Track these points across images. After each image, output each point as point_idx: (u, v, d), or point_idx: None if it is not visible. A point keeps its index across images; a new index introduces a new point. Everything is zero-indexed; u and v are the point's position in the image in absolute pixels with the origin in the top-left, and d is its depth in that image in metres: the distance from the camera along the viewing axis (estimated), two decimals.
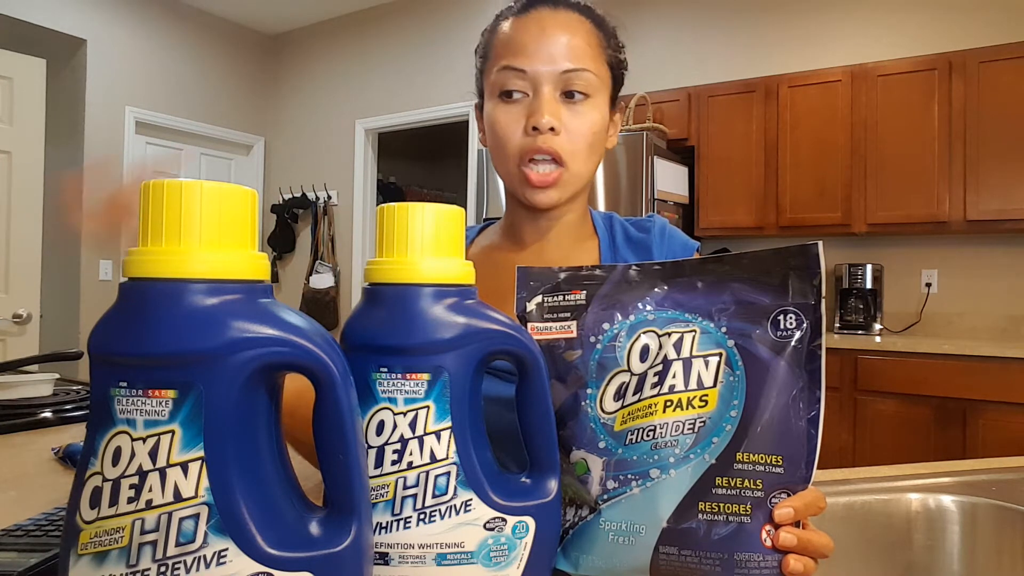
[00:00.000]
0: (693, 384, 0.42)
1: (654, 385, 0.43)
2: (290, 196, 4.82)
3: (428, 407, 0.37)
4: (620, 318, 0.45)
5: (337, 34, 4.72)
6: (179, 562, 0.28)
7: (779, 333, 0.42)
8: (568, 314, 0.45)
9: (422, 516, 0.37)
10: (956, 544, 0.75)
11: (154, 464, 0.28)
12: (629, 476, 0.42)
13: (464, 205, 3.93)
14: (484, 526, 0.38)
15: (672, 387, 0.42)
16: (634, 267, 0.45)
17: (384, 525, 0.37)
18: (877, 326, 3.10)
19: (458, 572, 0.38)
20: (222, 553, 0.28)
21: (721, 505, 0.41)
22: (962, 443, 2.56)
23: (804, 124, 3.18)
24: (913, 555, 0.76)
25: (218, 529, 0.28)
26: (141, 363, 0.28)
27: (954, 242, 3.09)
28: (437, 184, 6.40)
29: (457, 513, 0.38)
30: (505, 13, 0.76)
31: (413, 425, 0.37)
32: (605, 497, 0.43)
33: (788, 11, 3.41)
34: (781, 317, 0.42)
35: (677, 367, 0.42)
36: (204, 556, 0.28)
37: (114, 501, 0.28)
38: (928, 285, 3.14)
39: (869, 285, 3.11)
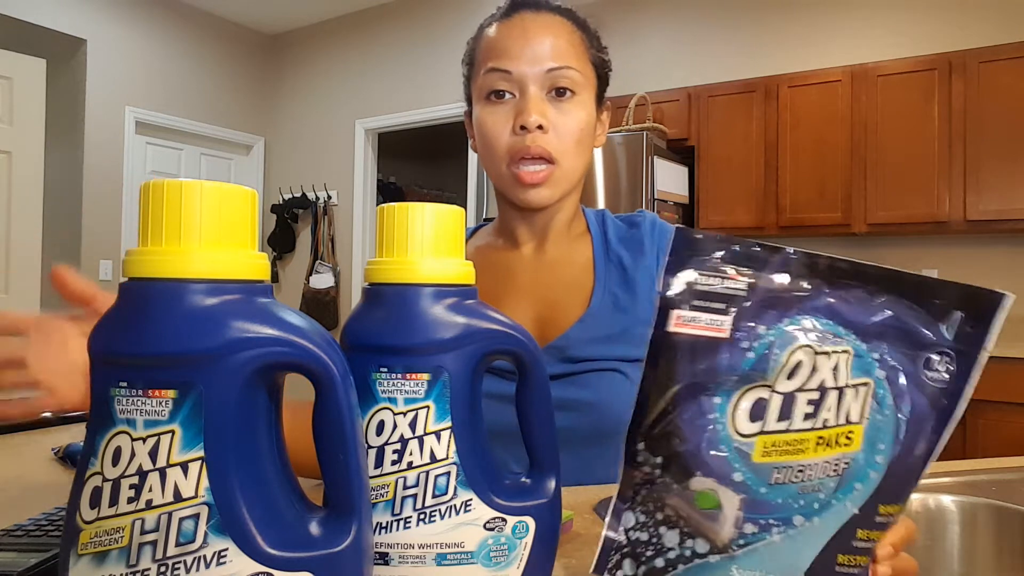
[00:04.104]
0: (842, 418, 0.36)
1: (807, 416, 0.36)
2: (290, 196, 4.82)
3: (428, 407, 0.37)
4: (777, 321, 0.36)
5: (337, 34, 4.72)
6: (179, 562, 0.28)
7: (931, 374, 0.37)
8: (723, 304, 0.36)
9: (422, 516, 0.37)
10: (956, 544, 0.75)
11: (154, 464, 0.28)
12: (771, 522, 0.36)
13: (464, 205, 3.93)
14: (484, 526, 0.38)
15: (826, 422, 0.36)
16: (799, 255, 0.37)
17: (384, 525, 0.37)
18: None
19: (458, 572, 0.38)
20: (222, 553, 0.28)
21: (858, 558, 0.37)
22: (962, 443, 2.56)
23: (804, 124, 3.18)
24: (913, 555, 0.76)
25: (218, 529, 0.28)
26: (141, 363, 0.28)
27: (954, 242, 3.09)
28: (437, 184, 6.40)
29: (457, 513, 0.38)
30: (488, 20, 0.78)
31: (413, 425, 0.37)
32: (742, 542, 0.36)
33: (788, 11, 3.41)
34: (936, 357, 0.37)
35: (832, 398, 0.36)
36: (204, 556, 0.28)
37: (114, 501, 0.28)
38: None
39: None
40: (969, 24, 2.99)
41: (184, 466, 0.28)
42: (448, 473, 0.37)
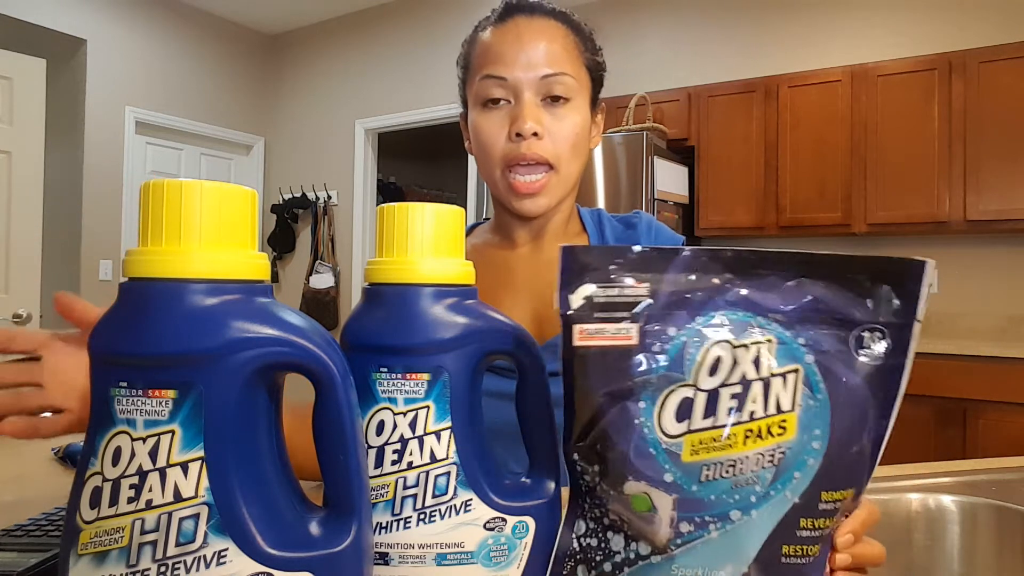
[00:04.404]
0: (772, 408, 0.35)
1: (732, 411, 0.35)
2: (290, 196, 4.82)
3: (428, 407, 0.37)
4: (689, 320, 0.36)
5: (337, 34, 4.72)
6: (179, 562, 0.28)
7: (863, 352, 0.36)
8: (626, 313, 0.36)
9: (422, 516, 0.37)
10: (956, 544, 0.75)
11: (154, 464, 0.28)
12: (707, 519, 0.36)
13: (464, 205, 3.93)
14: (484, 526, 0.38)
15: (752, 414, 0.35)
16: (702, 252, 0.36)
17: (384, 525, 0.37)
18: None
19: (458, 572, 0.38)
20: (222, 553, 0.28)
21: (805, 548, 0.37)
22: (962, 443, 2.56)
23: (804, 124, 3.18)
24: (913, 555, 0.76)
25: (218, 529, 0.28)
26: (141, 363, 0.28)
27: (954, 242, 3.09)
28: (437, 184, 6.40)
29: (457, 513, 0.38)
30: (483, 24, 0.78)
31: (413, 425, 0.37)
32: (679, 542, 0.36)
33: (788, 11, 3.41)
34: (867, 334, 0.36)
35: (757, 389, 0.35)
36: (204, 556, 0.28)
37: (114, 501, 0.28)
38: (928, 285, 3.14)
39: None
40: (969, 24, 2.99)
41: (184, 466, 0.28)
42: (448, 473, 0.37)
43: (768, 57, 3.42)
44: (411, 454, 0.37)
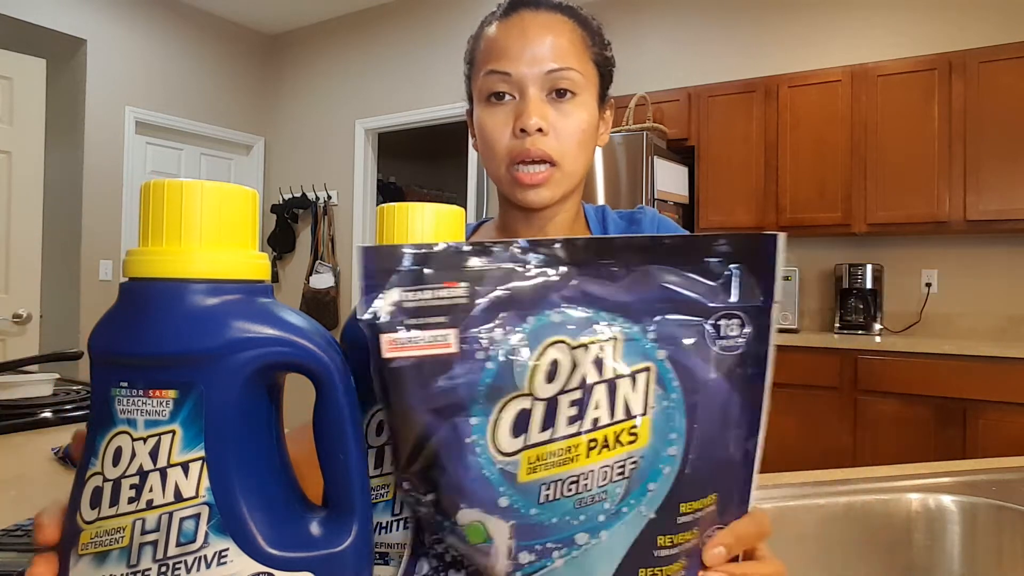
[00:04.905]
0: (620, 414, 0.31)
1: (572, 420, 0.31)
2: (290, 196, 4.82)
3: None
4: (518, 321, 0.32)
5: (337, 34, 4.72)
6: (180, 562, 0.28)
7: (720, 343, 0.33)
8: (443, 318, 0.31)
9: None
10: (956, 544, 0.75)
11: (155, 464, 0.28)
12: (549, 545, 0.31)
13: (464, 205, 3.93)
14: None
15: (596, 421, 0.31)
16: (531, 245, 0.32)
17: (384, 525, 0.37)
18: (877, 326, 3.11)
19: None
20: (222, 553, 0.28)
21: (664, 569, 0.33)
22: (962, 443, 2.56)
23: (804, 124, 3.18)
24: (913, 555, 0.76)
25: (219, 529, 0.28)
26: (142, 363, 0.28)
27: (954, 242, 3.09)
28: (437, 184, 6.41)
29: None
30: (489, 19, 0.77)
31: None
32: (519, 575, 0.32)
33: (788, 11, 3.41)
34: (724, 322, 0.33)
35: (600, 393, 0.31)
36: (205, 556, 0.28)
37: (115, 501, 0.28)
38: (928, 285, 3.14)
39: (869, 285, 3.11)
40: (969, 24, 2.99)
41: (185, 466, 0.28)
42: None
43: (768, 57, 3.42)
44: None
